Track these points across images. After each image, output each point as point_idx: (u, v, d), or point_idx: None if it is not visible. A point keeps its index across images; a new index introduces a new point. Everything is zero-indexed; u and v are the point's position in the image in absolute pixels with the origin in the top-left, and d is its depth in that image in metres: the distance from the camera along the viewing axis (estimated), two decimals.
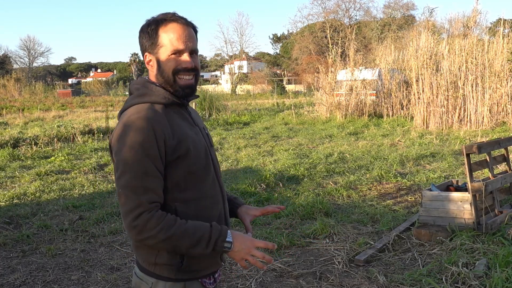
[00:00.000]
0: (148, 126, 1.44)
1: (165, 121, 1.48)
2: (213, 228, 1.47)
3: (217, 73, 66.39)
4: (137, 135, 1.43)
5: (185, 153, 1.49)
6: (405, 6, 43.31)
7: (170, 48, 1.52)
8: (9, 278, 3.85)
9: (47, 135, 12.09)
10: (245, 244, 1.47)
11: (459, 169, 7.35)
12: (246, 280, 3.67)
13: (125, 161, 1.43)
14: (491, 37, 14.60)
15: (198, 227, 1.45)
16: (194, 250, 1.45)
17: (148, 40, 1.55)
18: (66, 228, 5.06)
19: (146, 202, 1.42)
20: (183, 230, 1.43)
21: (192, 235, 1.43)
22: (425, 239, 4.24)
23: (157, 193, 1.45)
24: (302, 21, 56.24)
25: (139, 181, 1.42)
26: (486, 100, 12.28)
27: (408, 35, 23.26)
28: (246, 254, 1.48)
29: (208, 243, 1.44)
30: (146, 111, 1.48)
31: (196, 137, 1.57)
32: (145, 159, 1.42)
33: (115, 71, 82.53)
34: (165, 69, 1.53)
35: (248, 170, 7.90)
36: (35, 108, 24.47)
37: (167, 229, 1.41)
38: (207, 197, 1.57)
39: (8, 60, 67.18)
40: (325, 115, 16.56)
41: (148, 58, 1.57)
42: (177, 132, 1.49)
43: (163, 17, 1.55)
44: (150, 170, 1.43)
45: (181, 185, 1.51)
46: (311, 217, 5.17)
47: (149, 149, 1.43)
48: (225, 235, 1.47)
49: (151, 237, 1.41)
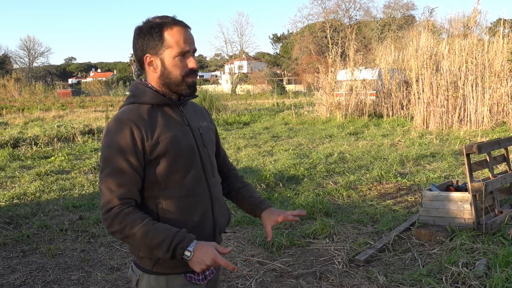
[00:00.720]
0: (126, 126, 1.51)
1: (145, 121, 1.54)
2: (177, 235, 1.48)
3: (217, 73, 66.43)
4: (114, 134, 1.52)
5: (164, 153, 1.54)
6: (405, 6, 43.34)
7: (177, 49, 1.56)
8: (9, 278, 3.85)
9: (47, 135, 12.08)
10: (206, 258, 1.47)
11: (459, 169, 7.35)
12: (246, 280, 3.67)
13: (104, 158, 1.53)
14: (491, 37, 14.59)
15: (162, 231, 1.48)
16: (156, 252, 1.49)
17: (152, 41, 1.57)
18: (66, 228, 5.06)
19: (117, 198, 1.49)
20: (145, 231, 1.47)
21: (152, 238, 1.47)
22: (425, 239, 4.24)
23: (130, 190, 1.51)
24: (302, 21, 56.29)
25: (114, 178, 1.50)
26: (486, 100, 12.27)
27: (408, 35, 23.27)
28: (205, 267, 1.48)
29: (168, 248, 1.46)
30: (128, 111, 1.56)
31: (182, 137, 1.60)
32: (120, 156, 1.50)
33: (115, 71, 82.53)
34: (172, 70, 1.58)
35: (248, 170, 7.90)
36: (35, 108, 24.47)
37: (131, 227, 1.47)
38: (189, 196, 1.59)
39: (8, 60, 67.18)
40: (325, 115, 16.56)
41: (149, 59, 1.59)
42: (158, 132, 1.54)
43: (165, 20, 1.58)
44: (124, 168, 1.50)
45: (161, 183, 1.55)
46: (311, 217, 5.17)
47: (125, 147, 1.50)
48: (187, 244, 1.48)
49: (117, 231, 1.49)
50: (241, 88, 49.64)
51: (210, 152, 1.72)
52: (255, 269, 3.85)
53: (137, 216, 1.49)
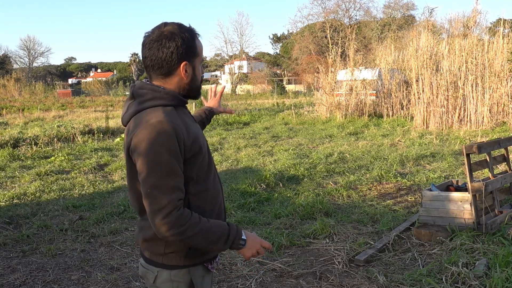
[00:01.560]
0: (171, 129, 1.53)
1: (180, 123, 1.59)
2: (231, 227, 1.63)
3: (217, 73, 66.40)
4: (162, 137, 1.51)
5: (198, 151, 1.62)
6: (405, 6, 43.34)
7: (201, 58, 1.71)
8: (9, 278, 3.85)
9: (47, 135, 12.09)
10: (255, 243, 1.68)
11: (459, 169, 7.35)
12: (246, 280, 3.67)
13: (153, 162, 1.51)
14: (491, 37, 14.60)
15: (219, 226, 1.60)
16: (214, 247, 1.60)
17: (189, 49, 1.62)
18: (66, 228, 5.06)
19: (175, 200, 1.51)
20: (207, 228, 1.56)
21: (213, 233, 1.57)
22: (425, 239, 4.24)
23: (182, 191, 1.56)
24: (302, 21, 56.34)
25: (167, 181, 1.51)
26: (486, 100, 12.28)
27: (408, 35, 23.28)
28: (254, 251, 1.68)
29: (226, 241, 1.60)
30: (166, 114, 1.56)
31: (202, 135, 1.72)
32: (171, 159, 1.52)
33: (115, 71, 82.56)
34: (198, 77, 1.71)
35: (248, 170, 7.90)
36: (35, 108, 24.47)
37: (194, 226, 1.53)
38: (211, 189, 1.70)
39: (8, 60, 67.20)
40: (325, 115, 16.56)
41: (187, 66, 1.64)
42: (190, 131, 1.61)
43: (192, 29, 1.67)
44: (175, 170, 1.53)
45: (193, 180, 1.63)
46: (311, 217, 5.17)
47: (173, 150, 1.53)
48: (241, 234, 1.64)
49: (180, 233, 1.51)
50: (241, 88, 49.65)
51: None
52: (255, 269, 3.85)
53: (195, 216, 1.57)
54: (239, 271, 3.84)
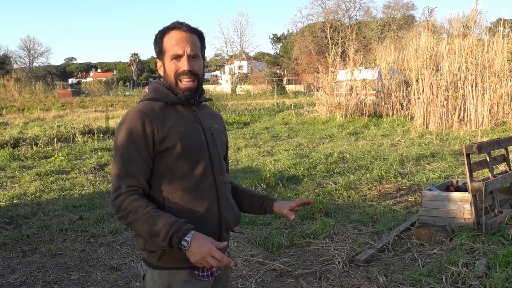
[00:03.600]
0: (138, 117, 1.61)
1: (157, 115, 1.64)
2: (176, 224, 1.50)
3: (217, 73, 66.37)
4: (127, 124, 1.62)
5: (173, 145, 1.62)
6: (405, 6, 43.32)
7: (170, 53, 1.67)
8: (9, 278, 3.85)
9: (47, 135, 12.09)
10: (202, 249, 1.47)
11: (459, 169, 7.35)
12: (246, 280, 3.67)
13: (116, 147, 1.63)
14: (491, 37, 14.59)
15: (162, 219, 1.51)
16: (154, 240, 1.53)
17: (157, 47, 1.71)
18: (66, 228, 5.06)
19: (125, 185, 1.57)
20: (146, 218, 1.52)
21: (152, 225, 1.51)
22: (425, 239, 4.24)
23: (138, 178, 1.59)
24: (302, 21, 56.32)
25: (123, 166, 1.59)
26: (486, 100, 12.27)
27: (408, 35, 23.27)
28: (201, 259, 1.48)
29: (166, 236, 1.49)
30: (142, 105, 1.67)
31: (192, 133, 1.68)
32: (131, 145, 1.60)
33: (115, 71, 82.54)
34: (168, 73, 1.69)
35: (248, 170, 7.90)
36: (35, 108, 24.47)
37: (134, 213, 1.53)
38: (194, 190, 1.65)
39: (8, 60, 67.18)
40: (325, 115, 16.56)
41: (158, 64, 1.75)
42: (168, 125, 1.63)
43: (168, 26, 1.70)
44: (133, 157, 1.59)
45: (168, 175, 1.63)
46: (311, 217, 5.17)
47: (135, 137, 1.60)
48: (184, 233, 1.49)
49: (122, 217, 1.56)
50: (241, 88, 49.62)
51: (219, 152, 1.78)
52: (255, 269, 3.85)
53: (141, 203, 1.55)
54: (239, 271, 3.84)
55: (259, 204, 1.91)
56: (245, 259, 4.07)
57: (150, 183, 1.65)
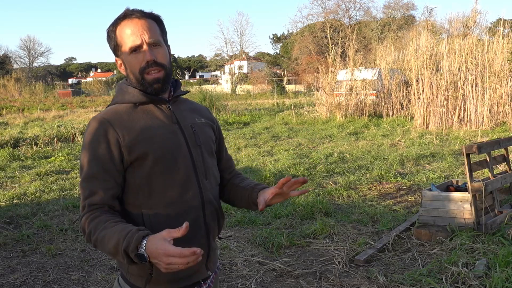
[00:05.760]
0: (99, 126, 1.41)
1: (122, 120, 1.43)
2: (126, 237, 1.24)
3: (217, 73, 66.39)
4: (88, 136, 1.42)
5: (144, 154, 1.41)
6: (405, 6, 43.35)
7: (128, 45, 1.44)
8: (9, 278, 3.85)
9: (47, 135, 12.09)
10: (159, 257, 1.19)
11: (459, 169, 7.35)
12: (246, 280, 3.67)
13: (80, 163, 1.44)
14: (491, 37, 14.60)
15: (116, 234, 1.27)
16: (121, 260, 1.28)
17: (111, 43, 1.49)
18: (66, 228, 5.06)
19: (88, 204, 1.38)
20: (103, 236, 1.29)
21: (108, 243, 1.28)
22: (425, 239, 4.24)
23: (101, 195, 1.38)
24: (302, 21, 56.21)
25: (86, 184, 1.40)
26: (486, 100, 12.27)
27: (408, 35, 23.27)
28: (165, 265, 1.19)
29: (122, 255, 1.25)
30: (105, 111, 1.47)
31: (167, 136, 1.46)
32: (93, 161, 1.39)
33: (115, 71, 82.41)
34: (131, 69, 1.47)
35: (248, 170, 7.90)
36: (35, 108, 24.47)
37: (93, 233, 1.32)
38: (177, 202, 1.44)
39: (8, 60, 67.18)
40: (325, 115, 16.56)
41: (118, 62, 1.52)
42: (137, 131, 1.42)
43: (118, 16, 1.47)
44: (97, 173, 1.39)
45: (145, 189, 1.42)
46: (311, 217, 5.17)
47: (98, 151, 1.39)
48: (136, 245, 1.22)
49: (87, 239, 1.36)
50: (241, 88, 49.61)
51: (204, 152, 1.54)
52: (255, 269, 3.85)
53: (100, 219, 1.33)
54: (239, 271, 3.84)
55: (247, 200, 1.65)
56: (245, 259, 4.07)
57: (124, 199, 1.44)
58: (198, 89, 24.87)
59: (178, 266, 1.19)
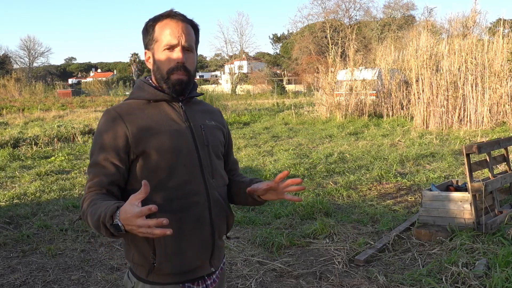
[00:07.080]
0: (110, 118, 1.49)
1: (134, 114, 1.50)
2: (104, 211, 1.28)
3: (217, 73, 66.39)
4: (99, 127, 1.51)
5: (152, 148, 1.47)
6: (405, 6, 43.33)
7: (163, 42, 1.50)
8: (9, 278, 3.85)
9: (47, 135, 12.10)
10: (128, 220, 1.20)
11: (459, 169, 7.35)
12: (246, 280, 3.67)
13: (90, 150, 1.53)
14: (491, 37, 14.60)
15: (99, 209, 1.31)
16: (103, 233, 1.31)
17: (146, 36, 1.55)
18: (66, 228, 5.06)
19: (88, 187, 1.45)
20: (91, 211, 1.35)
21: (92, 218, 1.33)
22: (425, 239, 4.24)
23: (101, 179, 1.44)
24: (302, 21, 56.26)
25: (91, 169, 1.48)
26: (486, 100, 12.28)
27: (408, 35, 23.28)
28: (138, 229, 1.19)
29: (102, 229, 1.29)
30: (119, 105, 1.54)
31: (176, 134, 1.51)
32: (99, 150, 1.47)
33: (115, 71, 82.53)
34: (159, 65, 1.52)
35: (248, 170, 7.90)
36: (35, 108, 24.47)
37: (85, 210, 1.39)
38: (182, 197, 1.49)
39: (8, 60, 67.19)
40: (325, 115, 16.57)
41: (147, 55, 1.58)
42: (146, 126, 1.48)
43: (161, 13, 1.54)
44: (100, 160, 1.46)
45: (151, 182, 1.41)
46: (311, 217, 5.17)
47: (106, 141, 1.47)
48: (110, 217, 1.25)
49: (84, 218, 1.41)
50: (241, 88, 49.61)
51: (212, 152, 1.58)
52: (255, 269, 3.85)
53: (95, 198, 1.39)
54: (239, 271, 3.84)
55: (244, 192, 1.67)
56: (245, 259, 4.07)
57: (128, 189, 1.47)
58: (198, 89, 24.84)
59: (145, 229, 1.18)
